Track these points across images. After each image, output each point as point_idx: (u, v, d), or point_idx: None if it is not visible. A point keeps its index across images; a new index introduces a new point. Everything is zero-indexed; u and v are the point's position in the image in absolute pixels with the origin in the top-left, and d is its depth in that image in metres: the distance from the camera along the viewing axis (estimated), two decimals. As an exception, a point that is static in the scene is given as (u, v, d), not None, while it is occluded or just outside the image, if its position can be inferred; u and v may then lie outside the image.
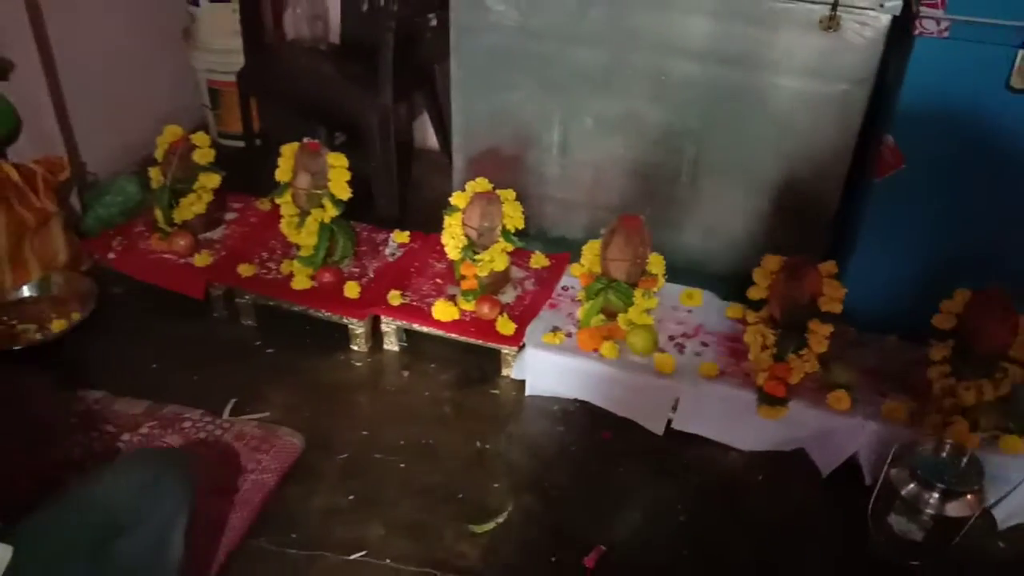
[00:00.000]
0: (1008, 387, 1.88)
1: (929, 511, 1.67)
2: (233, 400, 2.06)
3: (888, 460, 1.75)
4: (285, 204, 2.30)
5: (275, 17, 3.19)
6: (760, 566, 1.76)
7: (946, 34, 1.85)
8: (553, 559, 1.74)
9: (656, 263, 2.15)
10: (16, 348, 2.16)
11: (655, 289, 2.12)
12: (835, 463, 1.93)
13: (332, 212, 2.26)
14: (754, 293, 2.05)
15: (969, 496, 1.67)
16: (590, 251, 2.19)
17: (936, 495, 1.67)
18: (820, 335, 1.93)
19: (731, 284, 2.25)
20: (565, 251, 2.42)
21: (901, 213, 2.07)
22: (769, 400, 1.92)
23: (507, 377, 2.19)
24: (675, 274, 2.23)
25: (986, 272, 1.99)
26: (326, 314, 2.25)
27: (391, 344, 2.27)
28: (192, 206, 2.41)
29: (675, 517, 1.85)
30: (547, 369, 2.12)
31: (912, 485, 1.70)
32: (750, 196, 2.29)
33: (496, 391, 2.17)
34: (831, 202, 2.22)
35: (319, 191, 2.25)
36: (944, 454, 1.74)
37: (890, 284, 2.14)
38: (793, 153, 2.20)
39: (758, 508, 1.89)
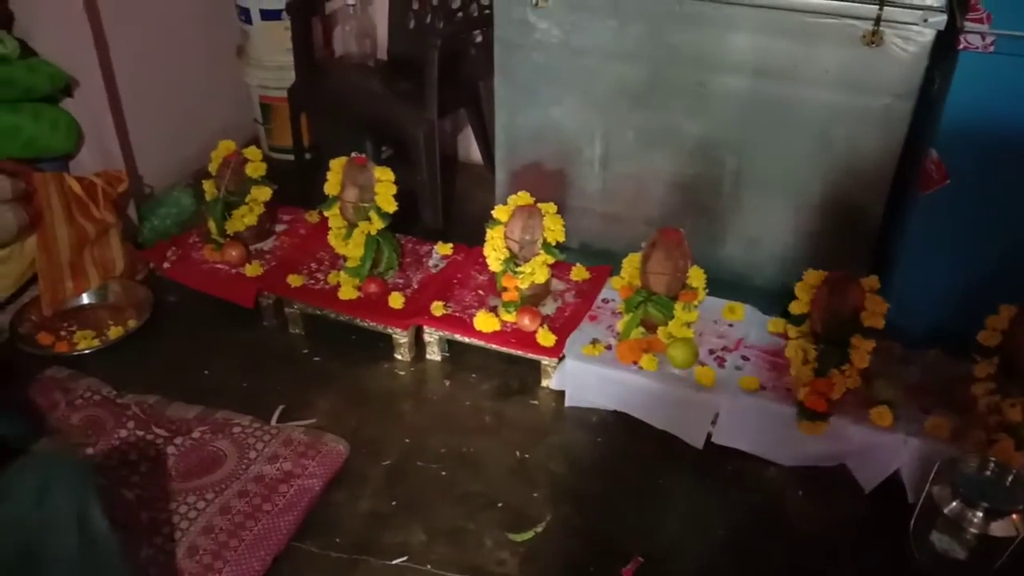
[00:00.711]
0: (1056, 405, 1.85)
1: (972, 530, 1.65)
2: (281, 407, 2.12)
3: (931, 477, 1.73)
4: (333, 216, 2.36)
5: (325, 34, 3.28)
6: (801, 582, 1.76)
7: (991, 49, 1.84)
8: (591, 569, 1.76)
9: (697, 276, 2.16)
10: (76, 353, 2.26)
11: (695, 303, 2.13)
12: (877, 480, 1.91)
13: (379, 224, 2.31)
14: (796, 307, 2.05)
15: (1014, 516, 1.65)
16: (630, 264, 2.21)
17: (980, 514, 1.65)
18: (862, 350, 1.92)
19: (773, 298, 2.25)
20: (606, 264, 2.45)
21: (946, 228, 2.06)
22: (810, 415, 1.91)
23: (547, 388, 2.22)
24: (717, 287, 2.24)
25: (1033, 288, 1.97)
26: (371, 324, 2.30)
27: (434, 354, 2.32)
28: (244, 218, 2.48)
29: (714, 530, 1.86)
30: (587, 381, 2.14)
31: (955, 503, 1.68)
32: (792, 209, 2.29)
33: (536, 402, 2.20)
34: (874, 216, 2.20)
35: (366, 204, 2.31)
36: (988, 472, 1.72)
37: (934, 299, 2.12)
38: (836, 166, 2.19)
39: (798, 524, 1.89)
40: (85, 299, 2.46)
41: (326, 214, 2.39)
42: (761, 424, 1.99)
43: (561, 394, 2.18)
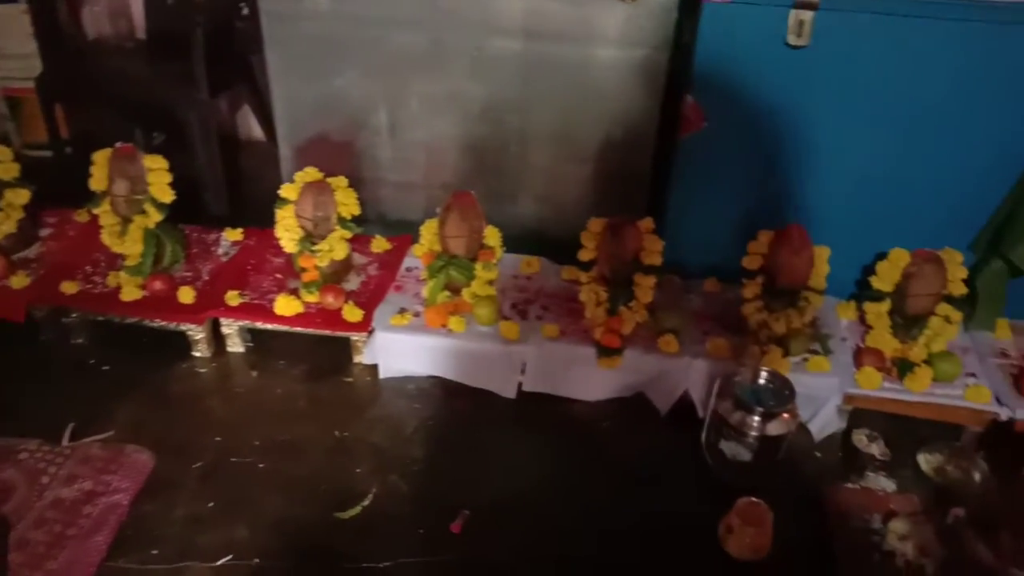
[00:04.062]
0: (812, 314, 2.11)
1: (753, 433, 1.86)
2: (72, 424, 1.97)
3: (714, 392, 1.92)
4: (104, 214, 2.20)
5: (72, 16, 2.98)
6: (616, 506, 1.89)
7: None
8: (421, 531, 1.80)
9: (492, 235, 2.22)
10: None
11: (494, 261, 2.20)
12: (671, 402, 2.09)
13: (156, 217, 2.19)
14: (584, 255, 2.17)
15: (785, 415, 1.87)
16: (428, 230, 2.24)
17: (757, 418, 1.85)
18: (645, 286, 2.08)
19: (567, 248, 2.36)
20: (406, 233, 2.46)
21: (708, 167, 2.24)
22: (606, 352, 2.05)
23: (360, 363, 2.22)
24: (514, 244, 2.32)
25: (787, 212, 2.20)
26: (161, 323, 2.19)
27: (235, 346, 2.24)
28: (0, 225, 2.25)
29: (534, 472, 1.95)
30: (398, 350, 2.16)
31: (736, 412, 1.87)
32: (573, 163, 2.40)
33: (350, 379, 2.19)
34: (644, 162, 2.37)
35: (139, 196, 2.17)
36: (762, 380, 1.93)
37: (705, 232, 2.32)
38: (607, 119, 2.33)
39: (608, 453, 2.03)
40: None
41: (95, 212, 2.22)
42: (565, 367, 2.10)
43: (375, 367, 2.19)
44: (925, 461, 2.00)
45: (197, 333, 2.19)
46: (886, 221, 2.20)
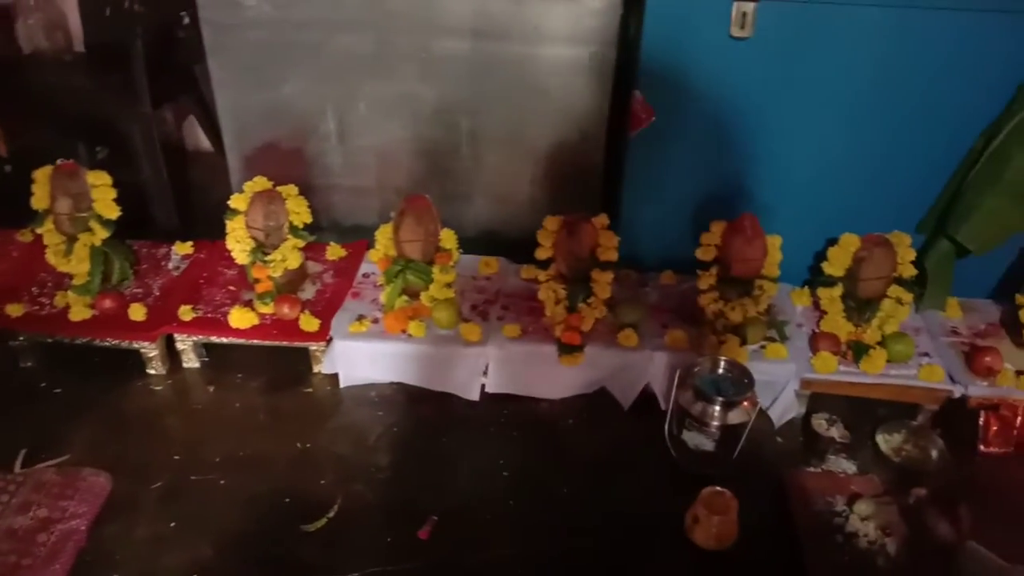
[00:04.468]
0: (767, 302, 2.14)
1: (715, 423, 1.88)
2: (24, 450, 1.92)
3: (674, 384, 1.93)
4: (48, 233, 2.15)
5: (5, 30, 2.91)
6: (583, 502, 1.89)
7: (673, -8, 2.02)
8: (389, 539, 1.78)
9: (448, 238, 2.21)
10: None
11: (451, 263, 2.19)
12: (633, 396, 2.11)
13: (102, 234, 2.14)
14: (541, 253, 2.17)
15: (745, 403, 1.89)
16: (383, 236, 2.22)
17: (718, 408, 1.87)
18: (603, 282, 2.09)
19: (523, 248, 2.36)
20: (361, 239, 2.43)
21: (659, 161, 2.25)
22: (568, 349, 2.05)
23: (319, 373, 2.19)
24: (471, 245, 2.31)
25: (738, 203, 2.23)
26: (113, 342, 2.14)
27: (190, 361, 2.20)
28: (-61, 249, 2.19)
29: (499, 474, 1.95)
30: (358, 358, 2.13)
31: (697, 403, 1.89)
32: (527, 162, 2.40)
33: (310, 389, 2.17)
34: (597, 159, 2.37)
35: (84, 214, 2.12)
36: (721, 370, 1.95)
37: (659, 226, 2.33)
38: (558, 117, 2.32)
39: (573, 450, 2.03)
40: None
41: (39, 231, 2.16)
42: (527, 366, 2.10)
43: (335, 376, 2.17)
44: (884, 441, 2.04)
45: (151, 350, 2.14)
46: (836, 207, 2.24)
